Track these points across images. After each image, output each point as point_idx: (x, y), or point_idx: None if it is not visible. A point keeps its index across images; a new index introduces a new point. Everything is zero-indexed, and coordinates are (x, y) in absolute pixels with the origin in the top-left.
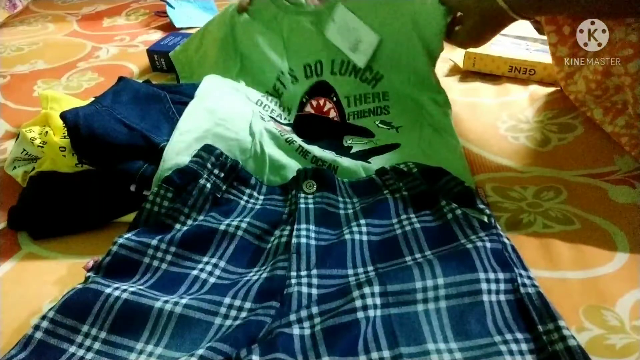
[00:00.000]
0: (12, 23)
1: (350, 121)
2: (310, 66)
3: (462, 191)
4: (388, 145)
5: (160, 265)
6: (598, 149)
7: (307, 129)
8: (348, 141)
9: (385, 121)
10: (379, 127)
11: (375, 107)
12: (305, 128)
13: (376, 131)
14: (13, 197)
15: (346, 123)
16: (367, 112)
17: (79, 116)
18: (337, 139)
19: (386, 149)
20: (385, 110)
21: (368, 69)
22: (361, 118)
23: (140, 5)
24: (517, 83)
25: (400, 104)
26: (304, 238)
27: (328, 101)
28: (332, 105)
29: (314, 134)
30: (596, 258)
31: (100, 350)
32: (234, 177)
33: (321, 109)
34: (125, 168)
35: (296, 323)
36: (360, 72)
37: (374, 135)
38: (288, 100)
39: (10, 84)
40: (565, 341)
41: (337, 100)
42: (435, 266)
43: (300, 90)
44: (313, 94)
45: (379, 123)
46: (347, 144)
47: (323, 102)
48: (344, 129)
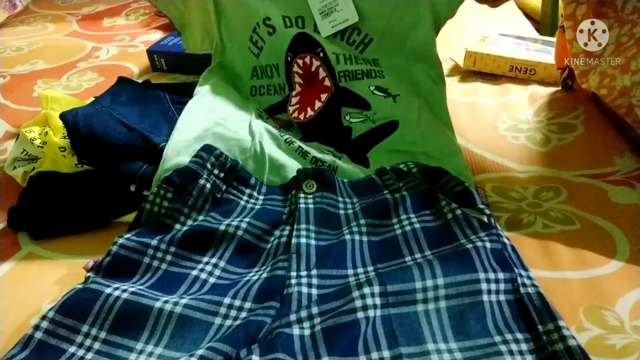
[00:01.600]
0: (12, 23)
1: (343, 84)
2: (290, 18)
3: (462, 191)
4: (386, 125)
5: (160, 265)
6: (598, 149)
7: (310, 133)
8: (346, 117)
9: (380, 87)
10: (374, 94)
11: (369, 69)
12: (308, 132)
13: (372, 99)
14: (13, 197)
15: (339, 87)
16: (359, 73)
17: (79, 116)
18: (335, 119)
19: (385, 132)
20: (379, 74)
21: (356, 30)
22: (354, 80)
23: (140, 5)
24: (517, 83)
25: (394, 72)
26: (304, 238)
27: (314, 58)
28: (320, 62)
29: (315, 131)
30: (596, 258)
31: (100, 350)
32: (234, 177)
33: (309, 68)
34: (125, 168)
35: (296, 323)
36: (347, 34)
37: (370, 106)
38: (272, 57)
39: (10, 84)
40: (565, 341)
41: (324, 57)
42: (435, 266)
43: (281, 45)
44: (297, 50)
45: (374, 89)
46: (346, 124)
47: (309, 59)
48: (338, 97)
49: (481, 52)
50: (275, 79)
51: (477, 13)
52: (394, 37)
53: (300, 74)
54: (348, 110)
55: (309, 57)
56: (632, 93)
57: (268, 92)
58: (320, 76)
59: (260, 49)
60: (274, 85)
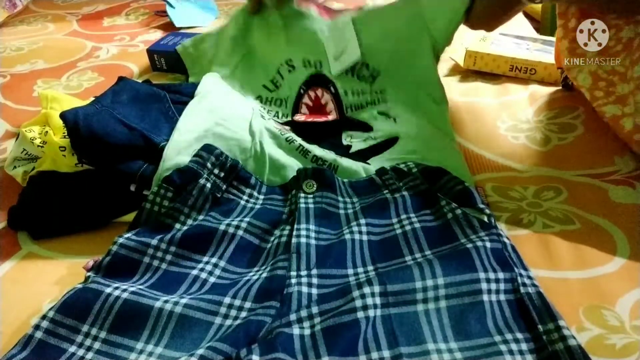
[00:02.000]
0: (12, 23)
1: (349, 114)
2: (310, 61)
3: (462, 190)
4: (387, 140)
5: (160, 265)
6: (598, 149)
7: (306, 133)
8: (346, 139)
9: (382, 112)
10: (376, 118)
11: (373, 99)
12: (304, 132)
13: (373, 122)
14: (13, 197)
15: (345, 117)
16: (364, 104)
17: (79, 116)
18: (335, 137)
19: (385, 146)
20: (383, 100)
21: (364, 65)
22: (359, 110)
23: (140, 5)
24: (517, 83)
25: (398, 98)
26: (304, 238)
27: (325, 92)
28: (330, 96)
29: (312, 138)
30: (596, 258)
31: (100, 350)
32: (234, 177)
33: (319, 101)
34: (125, 168)
35: (296, 323)
36: (357, 70)
37: (372, 128)
38: (285, 91)
39: (10, 83)
40: (566, 341)
41: (335, 92)
42: (435, 266)
43: (298, 80)
44: (310, 84)
45: (377, 114)
46: (346, 143)
47: (321, 92)
48: (341, 125)
49: (481, 51)
50: (282, 108)
51: None
52: (399, 68)
53: (309, 106)
54: (349, 133)
55: (320, 90)
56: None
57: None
58: (328, 109)
59: (278, 87)
60: (277, 112)
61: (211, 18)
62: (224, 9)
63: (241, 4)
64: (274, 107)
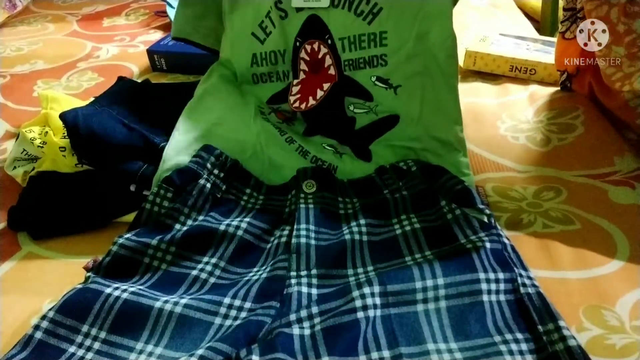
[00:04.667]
0: (12, 23)
1: (347, 73)
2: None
3: (461, 190)
4: (388, 118)
5: (160, 265)
6: (598, 149)
7: (313, 123)
8: (350, 107)
9: (381, 78)
10: (375, 84)
11: (371, 56)
12: (311, 123)
13: (373, 91)
14: (13, 197)
15: (343, 76)
16: (362, 62)
17: (79, 116)
18: (339, 109)
19: (386, 125)
20: (382, 60)
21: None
22: (357, 70)
23: (140, 5)
24: (517, 83)
25: (401, 50)
26: (304, 238)
27: (322, 45)
28: (327, 50)
29: (318, 121)
30: (596, 258)
31: (100, 350)
32: (234, 177)
33: (316, 55)
34: (125, 168)
35: (296, 323)
36: (355, 3)
37: (372, 97)
38: (279, 43)
39: (10, 84)
40: (566, 341)
41: (332, 44)
42: (435, 266)
43: (292, 29)
44: (306, 35)
45: (375, 80)
46: (350, 114)
47: (317, 46)
48: (342, 86)
49: (481, 52)
50: (280, 65)
51: (477, 13)
52: (407, 5)
53: (306, 61)
54: (352, 100)
55: (317, 44)
56: None
57: (270, 80)
58: (326, 64)
59: (268, 34)
60: (277, 72)
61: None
62: None
63: None
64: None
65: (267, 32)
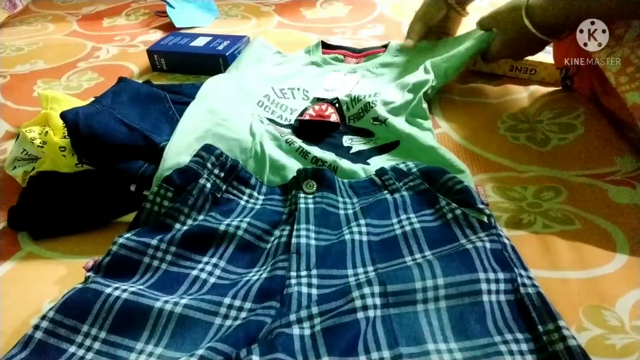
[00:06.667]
0: (12, 23)
1: (350, 124)
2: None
3: (461, 190)
4: (388, 144)
5: (160, 265)
6: (598, 149)
7: (307, 133)
8: (348, 141)
9: (375, 117)
10: (374, 124)
11: (365, 103)
12: (306, 132)
13: (374, 129)
14: (13, 197)
15: (347, 125)
16: (361, 112)
17: (79, 116)
18: (337, 139)
19: (386, 149)
20: (373, 104)
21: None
22: (359, 120)
23: (140, 5)
24: (517, 83)
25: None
26: (304, 238)
27: (330, 106)
28: (334, 110)
29: (315, 138)
30: (596, 258)
31: (100, 350)
32: (234, 177)
33: (322, 112)
34: (125, 168)
35: (296, 323)
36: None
37: (373, 134)
38: (292, 103)
39: (10, 84)
40: (566, 341)
41: (339, 107)
42: (435, 266)
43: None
44: (317, 100)
45: (372, 120)
46: (346, 144)
47: (325, 106)
48: (344, 131)
49: None
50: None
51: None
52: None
53: (311, 115)
54: (351, 137)
55: (325, 105)
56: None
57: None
58: (332, 119)
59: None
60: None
61: (211, 18)
62: (224, 9)
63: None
64: (279, 111)
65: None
